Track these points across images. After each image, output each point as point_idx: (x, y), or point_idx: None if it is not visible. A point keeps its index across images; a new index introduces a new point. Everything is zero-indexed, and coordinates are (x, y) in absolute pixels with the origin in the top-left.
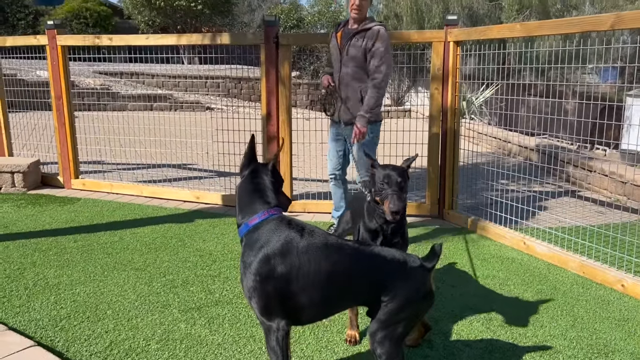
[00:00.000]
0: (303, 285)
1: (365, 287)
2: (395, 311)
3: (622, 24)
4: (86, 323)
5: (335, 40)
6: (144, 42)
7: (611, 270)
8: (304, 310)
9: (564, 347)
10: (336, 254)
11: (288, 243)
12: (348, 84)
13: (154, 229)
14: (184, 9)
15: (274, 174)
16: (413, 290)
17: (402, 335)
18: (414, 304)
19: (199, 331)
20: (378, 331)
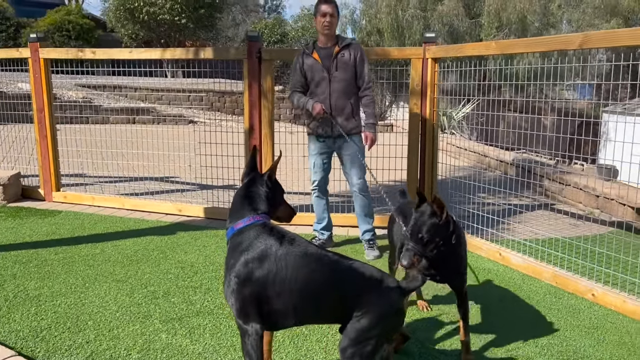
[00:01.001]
0: (279, 291)
1: (340, 299)
2: (366, 328)
3: (589, 44)
4: (67, 334)
5: (314, 60)
6: (127, 56)
7: (582, 280)
8: (278, 315)
9: (535, 354)
10: (314, 263)
11: (267, 249)
12: (339, 100)
13: (135, 242)
14: (168, 23)
15: (271, 184)
16: (385, 309)
17: (372, 352)
18: (385, 323)
19: (180, 341)
20: (348, 347)
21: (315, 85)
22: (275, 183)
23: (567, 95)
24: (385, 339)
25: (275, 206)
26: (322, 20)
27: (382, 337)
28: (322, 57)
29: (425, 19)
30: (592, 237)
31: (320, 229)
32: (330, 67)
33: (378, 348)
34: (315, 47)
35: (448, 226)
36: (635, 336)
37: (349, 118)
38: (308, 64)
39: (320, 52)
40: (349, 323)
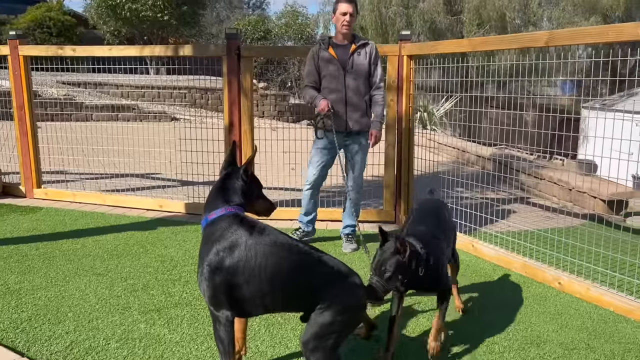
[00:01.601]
0: (248, 278)
1: (306, 289)
2: (328, 323)
3: (555, 42)
4: (47, 325)
5: (330, 56)
6: (107, 53)
7: (550, 269)
8: (248, 302)
9: (500, 338)
10: (282, 252)
11: (238, 239)
12: (354, 97)
13: (116, 237)
14: (151, 20)
15: (247, 177)
16: (349, 304)
17: (334, 346)
18: (347, 318)
19: (158, 330)
20: (310, 341)
21: (329, 80)
22: (252, 176)
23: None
24: (347, 333)
25: (252, 199)
26: (342, 18)
27: (344, 331)
28: (338, 54)
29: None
30: (565, 229)
31: (307, 221)
32: (346, 65)
33: (340, 342)
34: (330, 43)
35: (411, 263)
36: (597, 321)
37: (363, 115)
38: (324, 59)
39: (336, 48)
40: (312, 316)
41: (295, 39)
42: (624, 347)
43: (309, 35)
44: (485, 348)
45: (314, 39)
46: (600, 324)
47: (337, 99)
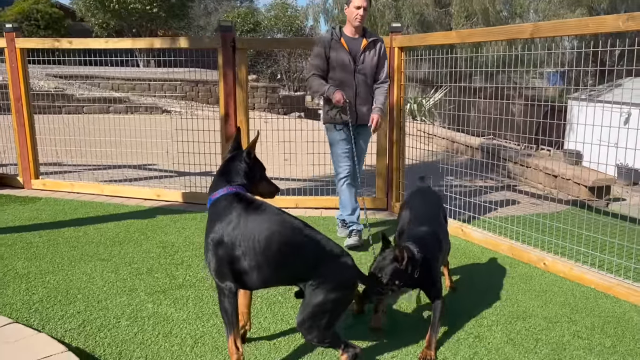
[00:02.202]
0: (245, 251)
1: (298, 264)
2: (320, 302)
3: (539, 33)
4: (58, 306)
5: (342, 48)
6: (103, 46)
7: (535, 251)
8: (246, 274)
9: (489, 313)
10: (277, 227)
11: (237, 215)
12: (363, 90)
13: (117, 225)
14: (139, 12)
15: (249, 160)
16: (339, 283)
17: (329, 323)
18: (339, 296)
19: (165, 310)
20: (305, 321)
21: (339, 72)
22: (255, 159)
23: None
24: (340, 311)
25: (255, 181)
26: (355, 12)
27: (337, 310)
28: (350, 46)
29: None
30: (550, 214)
31: (357, 217)
32: (357, 59)
33: (334, 320)
34: (342, 34)
35: (408, 269)
36: (579, 298)
37: (370, 109)
38: (335, 50)
39: (348, 41)
40: (305, 296)
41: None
42: (604, 320)
43: (298, 27)
44: (474, 322)
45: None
46: (582, 299)
47: (347, 93)
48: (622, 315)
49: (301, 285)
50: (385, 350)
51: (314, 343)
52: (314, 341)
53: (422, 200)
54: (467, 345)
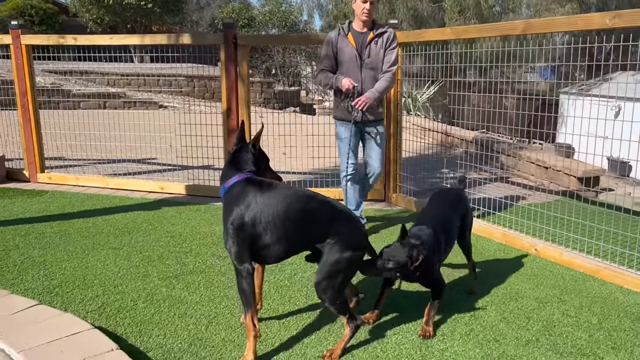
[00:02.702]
0: (265, 226)
1: (317, 226)
2: (334, 261)
3: (531, 30)
4: (77, 290)
5: (348, 43)
6: (108, 42)
7: (527, 237)
8: (270, 248)
9: (483, 294)
10: (291, 198)
11: (253, 196)
12: (369, 85)
13: (124, 216)
14: (134, 7)
15: (255, 151)
16: (352, 242)
17: (342, 284)
18: (350, 256)
19: (179, 293)
20: (322, 281)
21: (345, 68)
22: (260, 150)
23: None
24: (350, 273)
25: (260, 171)
26: (362, 6)
27: (348, 270)
28: (356, 42)
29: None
30: (541, 204)
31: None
32: (362, 53)
33: (345, 282)
34: (350, 29)
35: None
36: (568, 280)
37: (378, 105)
38: (342, 45)
39: (355, 35)
40: (323, 256)
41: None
42: (591, 300)
43: (293, 22)
44: (470, 303)
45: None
46: (571, 282)
47: None
48: (608, 295)
49: (319, 247)
50: (387, 327)
51: (326, 305)
52: (327, 302)
53: (439, 202)
54: (463, 323)
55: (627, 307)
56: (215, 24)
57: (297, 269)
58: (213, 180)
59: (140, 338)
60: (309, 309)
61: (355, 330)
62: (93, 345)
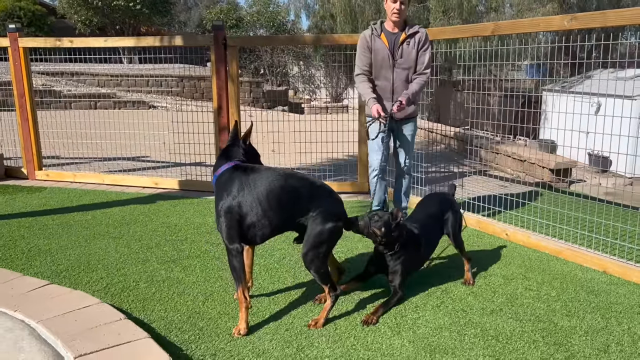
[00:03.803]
0: (251, 205)
1: (298, 202)
2: (318, 232)
3: (499, 31)
4: (83, 273)
5: (381, 43)
6: (103, 44)
7: (498, 223)
8: (257, 227)
9: (455, 273)
10: (272, 178)
11: (239, 181)
12: (401, 86)
13: (121, 209)
14: (122, 9)
15: (245, 146)
16: (332, 213)
17: (325, 254)
18: (332, 227)
19: (177, 275)
20: (308, 252)
21: (379, 68)
22: (250, 145)
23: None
24: (332, 242)
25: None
26: (392, 6)
27: (331, 240)
28: (389, 42)
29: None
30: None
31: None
32: (395, 54)
33: (328, 251)
34: (383, 30)
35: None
36: (534, 260)
37: (408, 104)
38: (376, 46)
39: (388, 36)
40: (307, 230)
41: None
42: (552, 277)
43: (280, 22)
44: (443, 280)
45: (286, 27)
46: (536, 262)
47: (384, 88)
48: (568, 272)
49: (303, 221)
50: (367, 301)
51: (313, 271)
52: (312, 270)
53: (426, 205)
54: (435, 297)
55: (584, 282)
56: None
57: (285, 254)
58: (205, 175)
59: (144, 312)
60: (296, 287)
61: (335, 299)
62: (103, 316)
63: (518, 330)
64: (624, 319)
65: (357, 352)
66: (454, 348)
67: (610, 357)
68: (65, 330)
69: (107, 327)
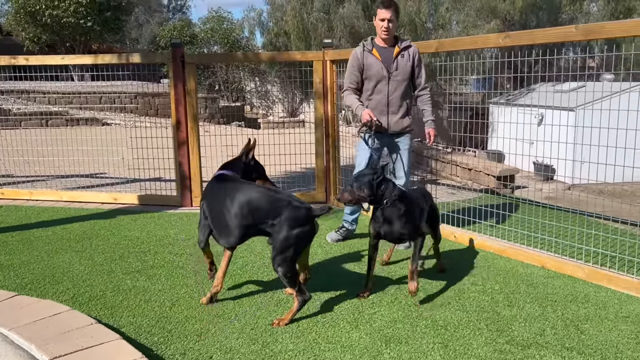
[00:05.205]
0: (218, 212)
1: (258, 212)
2: (284, 238)
3: (442, 48)
4: (49, 285)
5: (374, 58)
6: (59, 62)
7: (447, 226)
8: (223, 232)
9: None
10: (237, 190)
11: (213, 189)
12: (397, 99)
13: (81, 224)
14: (73, 25)
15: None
16: (295, 218)
17: (293, 257)
18: (297, 232)
19: (143, 284)
20: (276, 256)
21: (373, 83)
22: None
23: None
24: (300, 246)
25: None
26: (380, 24)
27: (298, 244)
28: (382, 56)
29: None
30: (464, 200)
31: (352, 220)
32: (390, 67)
33: (296, 254)
34: (374, 45)
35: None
36: (479, 259)
37: (403, 116)
38: (368, 61)
39: (380, 50)
40: (273, 238)
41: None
42: (496, 272)
43: (235, 39)
44: (396, 279)
45: (240, 43)
46: (482, 260)
47: (379, 101)
48: (510, 269)
49: (265, 227)
50: (327, 300)
51: (281, 275)
52: (281, 272)
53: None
54: (390, 294)
55: (524, 276)
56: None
57: (247, 261)
58: (165, 190)
59: (113, 319)
60: (259, 291)
61: (302, 304)
62: (74, 322)
63: (465, 320)
64: (558, 307)
65: (319, 346)
66: (407, 338)
67: (545, 340)
68: (39, 336)
69: (79, 331)
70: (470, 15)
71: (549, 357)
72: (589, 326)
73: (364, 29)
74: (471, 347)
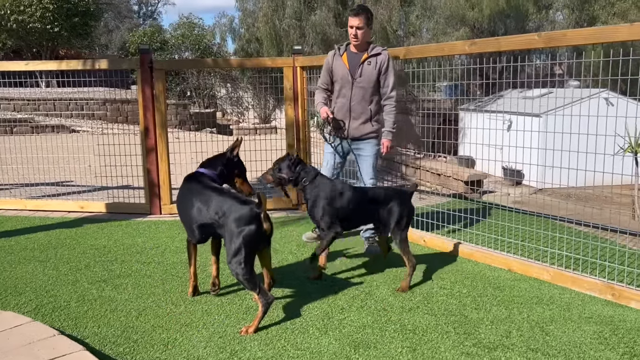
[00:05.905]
0: (186, 211)
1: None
2: (230, 240)
3: (410, 55)
4: (11, 297)
5: (341, 63)
6: (23, 68)
7: (417, 231)
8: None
9: (376, 277)
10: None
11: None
12: (358, 104)
13: (46, 234)
14: (39, 31)
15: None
16: (239, 217)
17: (247, 258)
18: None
19: (108, 294)
20: (231, 260)
21: (339, 87)
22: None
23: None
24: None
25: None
26: (350, 31)
27: (246, 244)
28: (350, 62)
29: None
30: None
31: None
32: (355, 73)
33: (247, 255)
34: (347, 50)
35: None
36: (448, 263)
37: (365, 122)
38: (336, 65)
39: (350, 56)
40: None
41: (193, 49)
42: (464, 276)
43: (206, 45)
44: (365, 284)
45: (211, 49)
46: (450, 264)
47: (342, 106)
48: (478, 272)
49: (220, 232)
50: (294, 307)
51: (239, 279)
52: (239, 276)
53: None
54: (359, 300)
55: (491, 280)
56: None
57: None
58: (133, 197)
59: (77, 329)
60: (227, 301)
61: (266, 306)
62: (36, 333)
63: (433, 324)
64: (524, 309)
65: (288, 352)
66: (376, 342)
67: (511, 341)
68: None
69: (41, 343)
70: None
71: (514, 359)
72: (554, 327)
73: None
74: (439, 351)
